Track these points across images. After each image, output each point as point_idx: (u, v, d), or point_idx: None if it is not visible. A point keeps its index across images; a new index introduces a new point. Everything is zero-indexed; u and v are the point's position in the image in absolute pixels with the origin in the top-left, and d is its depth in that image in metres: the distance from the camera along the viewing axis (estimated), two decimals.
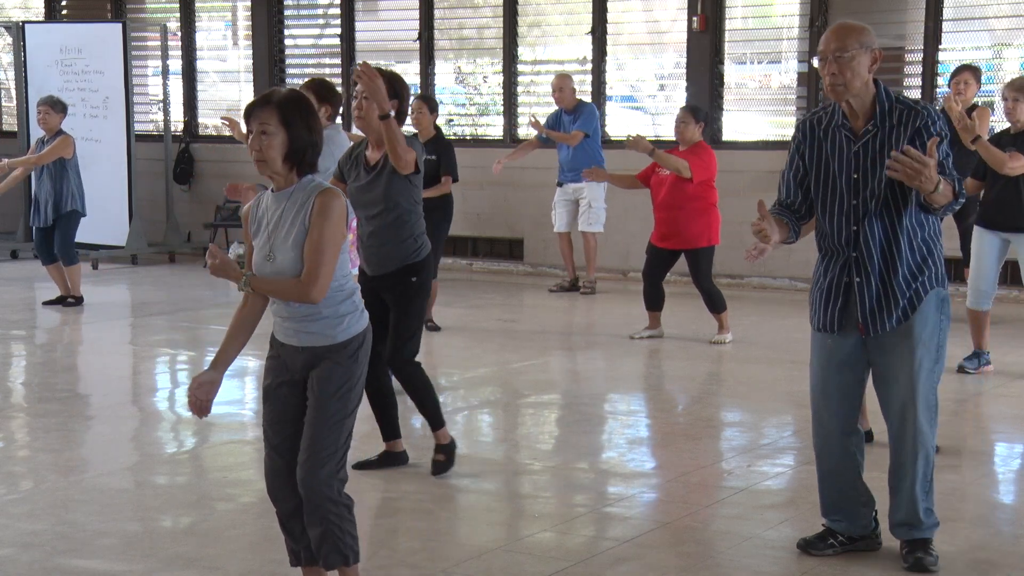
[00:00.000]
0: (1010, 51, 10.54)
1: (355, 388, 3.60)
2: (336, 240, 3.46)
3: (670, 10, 11.27)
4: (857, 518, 4.23)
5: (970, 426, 6.31)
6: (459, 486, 5.16)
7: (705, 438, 5.93)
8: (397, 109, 4.97)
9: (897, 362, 4.04)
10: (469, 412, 6.62)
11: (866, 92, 4.01)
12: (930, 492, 4.12)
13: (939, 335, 4.06)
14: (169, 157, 12.68)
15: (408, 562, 4.18)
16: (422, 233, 5.16)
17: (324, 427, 3.53)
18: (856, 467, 4.20)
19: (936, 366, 4.07)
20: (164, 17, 13.37)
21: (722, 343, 8.05)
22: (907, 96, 4.12)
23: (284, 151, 3.46)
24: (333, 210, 3.45)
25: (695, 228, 8.00)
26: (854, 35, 3.99)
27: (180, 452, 5.83)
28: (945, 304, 4.07)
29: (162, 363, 7.97)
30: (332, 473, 3.53)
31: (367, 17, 12.77)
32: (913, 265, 4.01)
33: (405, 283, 5.08)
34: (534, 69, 11.77)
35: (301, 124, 3.46)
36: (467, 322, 8.96)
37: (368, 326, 3.67)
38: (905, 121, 3.98)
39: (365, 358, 3.64)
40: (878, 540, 4.28)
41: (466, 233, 11.83)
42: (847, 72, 3.94)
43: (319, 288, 3.45)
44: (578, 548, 4.36)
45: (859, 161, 4.02)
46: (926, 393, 4.04)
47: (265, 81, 12.72)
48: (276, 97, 3.49)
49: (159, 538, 4.48)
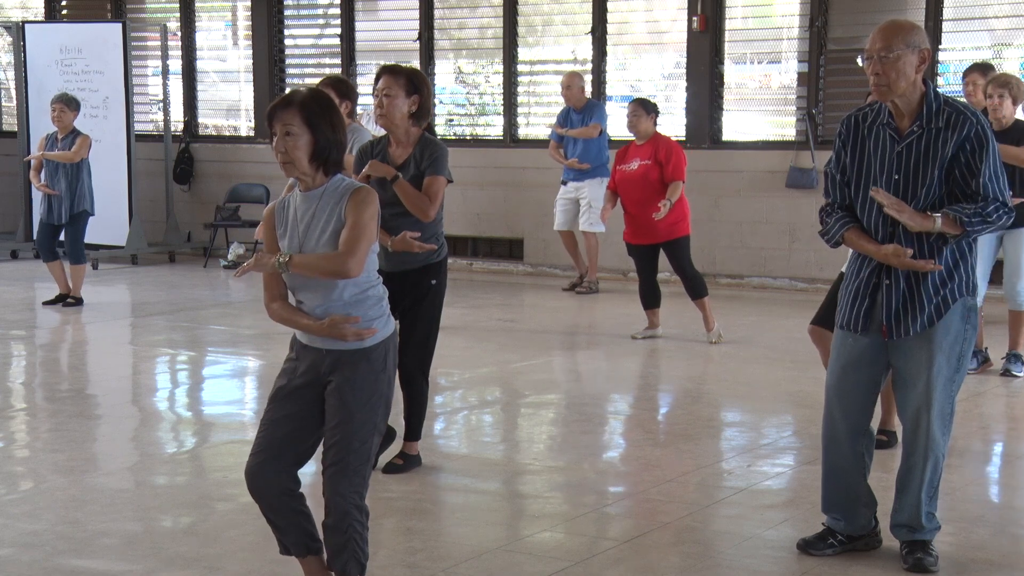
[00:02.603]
0: (1010, 51, 10.54)
1: (384, 396, 3.55)
2: (372, 229, 3.44)
3: (670, 10, 11.27)
4: (856, 518, 4.22)
5: (971, 426, 6.31)
6: (459, 486, 5.16)
7: (705, 438, 5.93)
8: (418, 105, 4.96)
9: (916, 368, 4.01)
10: (469, 412, 6.62)
11: (913, 92, 3.94)
12: (935, 497, 4.12)
13: (962, 344, 4.01)
14: (169, 157, 12.68)
15: (408, 562, 4.18)
16: (442, 234, 5.15)
17: (355, 436, 3.48)
18: (862, 467, 4.19)
19: (956, 375, 4.02)
20: (164, 17, 13.37)
21: (719, 340, 8.04)
22: (956, 99, 4.04)
23: (310, 151, 3.45)
24: (369, 204, 3.45)
25: (668, 219, 7.94)
26: (901, 34, 3.91)
27: (180, 452, 5.83)
28: (972, 314, 4.03)
29: (162, 363, 7.97)
30: (362, 482, 3.51)
31: (367, 17, 12.77)
32: (944, 272, 3.97)
33: (424, 285, 5.05)
34: (534, 69, 11.77)
35: (325, 123, 3.45)
36: (467, 322, 8.96)
37: (394, 332, 3.62)
38: (953, 124, 3.91)
39: (393, 366, 3.59)
40: (878, 539, 4.28)
41: (466, 233, 11.83)
42: (891, 72, 3.89)
43: (357, 260, 3.40)
44: (578, 548, 4.36)
45: (902, 162, 3.95)
46: (942, 401, 4.01)
47: (265, 81, 12.73)
48: (298, 98, 3.47)
49: (159, 538, 4.48)
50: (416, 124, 5.03)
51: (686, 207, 8.11)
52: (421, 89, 4.98)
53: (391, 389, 3.60)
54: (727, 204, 10.66)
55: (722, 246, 10.61)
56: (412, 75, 5.03)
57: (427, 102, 5.02)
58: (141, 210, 12.17)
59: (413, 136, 5.05)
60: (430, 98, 5.07)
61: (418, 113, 4.99)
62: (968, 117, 3.93)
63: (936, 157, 3.92)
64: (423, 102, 4.99)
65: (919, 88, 3.96)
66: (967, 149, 3.89)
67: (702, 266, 8.81)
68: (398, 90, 4.97)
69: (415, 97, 4.96)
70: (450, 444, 5.99)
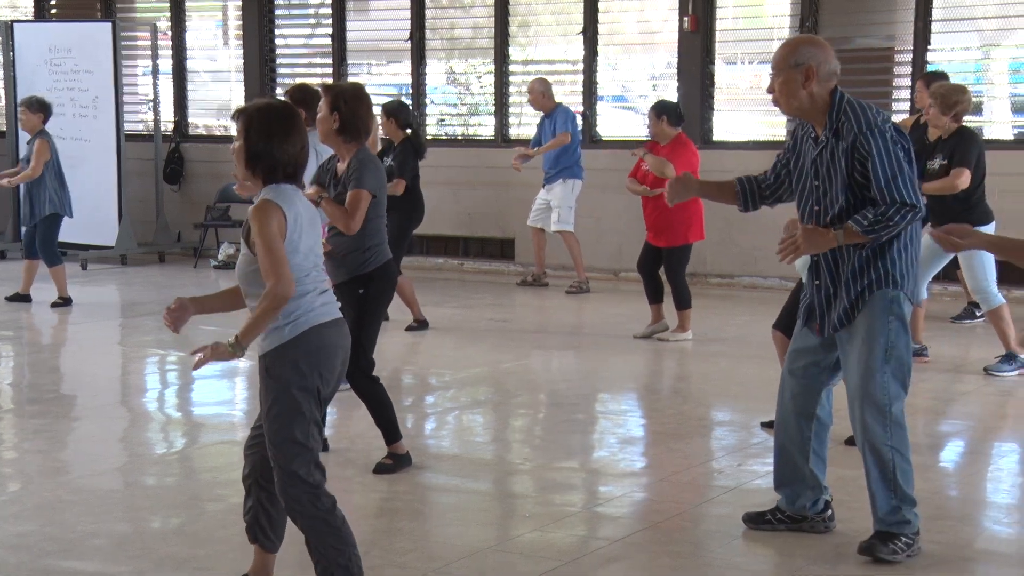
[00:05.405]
0: (998, 51, 10.57)
1: (289, 406, 3.51)
2: (275, 242, 3.43)
3: (661, 10, 11.28)
4: (797, 498, 4.38)
5: (954, 425, 6.32)
6: (450, 486, 5.16)
7: (695, 437, 5.93)
8: (339, 123, 5.02)
9: (847, 362, 4.17)
10: (460, 412, 6.61)
11: (811, 105, 4.09)
12: (895, 490, 4.12)
13: (887, 336, 4.06)
14: (159, 157, 12.65)
15: (399, 562, 4.18)
16: (376, 245, 5.17)
17: (270, 443, 3.56)
18: (806, 450, 4.33)
19: (886, 366, 4.07)
20: (154, 16, 13.34)
21: (673, 340, 8.06)
22: (864, 105, 4.09)
23: (244, 158, 3.54)
24: (262, 220, 3.45)
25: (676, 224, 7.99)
26: (786, 55, 4.11)
27: (170, 453, 5.81)
28: (895, 306, 4.07)
29: (151, 364, 7.95)
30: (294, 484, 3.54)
31: (358, 17, 12.76)
32: (857, 268, 4.07)
33: (354, 295, 5.10)
34: (525, 69, 11.76)
35: (258, 134, 3.51)
36: (458, 322, 8.95)
37: (297, 339, 3.53)
38: (844, 134, 4.05)
39: (307, 374, 3.52)
40: (825, 524, 4.39)
41: (457, 233, 11.82)
42: (779, 92, 4.11)
43: (284, 282, 3.42)
44: (569, 548, 4.35)
45: (818, 169, 4.14)
46: (875, 394, 4.08)
47: (256, 81, 12.70)
48: (246, 106, 3.61)
49: (149, 539, 4.47)
50: (348, 140, 5.08)
51: (695, 215, 8.10)
52: (339, 106, 5.03)
53: (307, 399, 3.53)
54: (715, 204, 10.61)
55: (713, 246, 10.61)
56: (337, 93, 5.10)
57: (351, 119, 5.03)
58: (131, 210, 12.13)
59: (350, 151, 5.12)
60: (358, 115, 5.05)
61: (342, 129, 5.03)
62: (853, 125, 4.02)
63: (837, 165, 4.06)
64: (345, 119, 5.02)
65: (822, 99, 4.08)
66: (857, 157, 4.01)
67: (692, 266, 8.81)
68: (324, 108, 5.09)
69: (335, 115, 5.03)
70: (441, 444, 5.98)
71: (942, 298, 9.30)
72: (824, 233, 4.06)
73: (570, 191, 10.28)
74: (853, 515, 4.49)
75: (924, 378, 6.94)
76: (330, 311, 3.63)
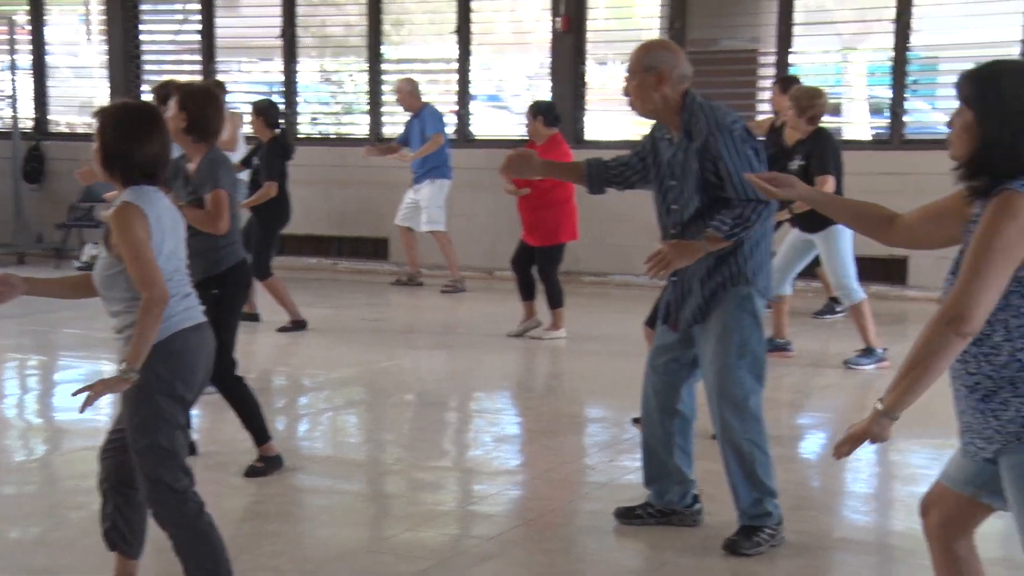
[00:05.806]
0: (856, 54, 10.94)
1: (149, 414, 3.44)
2: (142, 247, 3.34)
3: (534, 10, 11.36)
4: (666, 493, 4.48)
5: (816, 417, 6.52)
6: (323, 488, 5.11)
7: (569, 434, 5.99)
8: (187, 122, 4.92)
9: (703, 358, 4.26)
10: (334, 413, 6.55)
11: (664, 107, 4.18)
12: (755, 483, 4.23)
13: (740, 332, 4.15)
14: (18, 155, 12.23)
15: (270, 566, 4.12)
16: (229, 244, 5.10)
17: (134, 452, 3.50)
18: (671, 445, 4.41)
19: (741, 362, 4.15)
20: (11, 10, 12.87)
21: (547, 338, 8.15)
22: (714, 106, 4.17)
23: (100, 159, 3.46)
24: (123, 226, 3.36)
25: (549, 223, 8.09)
26: (638, 58, 4.20)
27: (30, 460, 5.62)
28: (747, 302, 4.17)
29: (10, 369, 7.67)
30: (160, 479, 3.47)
31: (227, 13, 12.53)
32: (711, 266, 4.15)
33: (208, 296, 5.02)
34: (399, 68, 11.71)
35: (114, 133, 3.43)
36: (332, 322, 8.87)
37: (176, 334, 3.46)
38: (695, 135, 4.14)
39: (173, 373, 3.45)
40: (693, 517, 4.49)
41: (330, 233, 11.71)
42: (633, 94, 4.21)
43: (158, 288, 3.34)
44: (442, 546, 4.35)
45: (674, 170, 4.22)
46: (730, 389, 4.17)
47: (120, 78, 12.36)
48: (104, 105, 3.56)
49: (7, 550, 4.31)
50: (196, 140, 5.00)
51: (568, 215, 8.19)
52: (188, 105, 4.95)
53: (171, 405, 3.48)
54: (588, 202, 10.75)
55: (586, 245, 10.73)
56: (186, 92, 5.02)
57: (199, 119, 4.94)
58: None
59: (199, 151, 5.04)
60: (206, 115, 4.96)
61: (189, 129, 4.94)
62: (704, 126, 4.11)
63: (691, 166, 4.15)
64: (192, 118, 4.93)
65: (675, 101, 4.17)
66: (709, 157, 4.10)
67: (566, 264, 8.90)
68: (174, 107, 4.97)
69: (183, 114, 4.94)
70: (314, 445, 5.92)
71: (805, 294, 9.58)
72: (690, 245, 4.10)
73: (439, 191, 10.28)
74: (720, 508, 4.58)
75: (787, 372, 7.15)
76: (193, 315, 3.55)
